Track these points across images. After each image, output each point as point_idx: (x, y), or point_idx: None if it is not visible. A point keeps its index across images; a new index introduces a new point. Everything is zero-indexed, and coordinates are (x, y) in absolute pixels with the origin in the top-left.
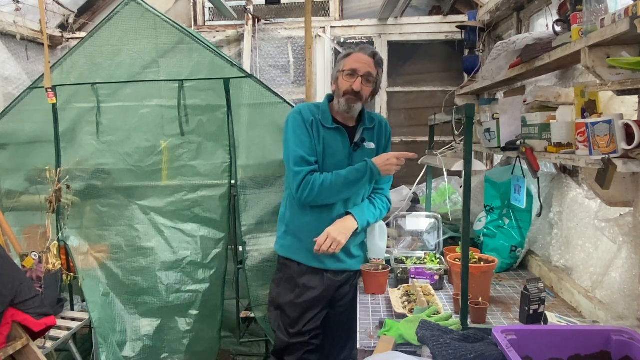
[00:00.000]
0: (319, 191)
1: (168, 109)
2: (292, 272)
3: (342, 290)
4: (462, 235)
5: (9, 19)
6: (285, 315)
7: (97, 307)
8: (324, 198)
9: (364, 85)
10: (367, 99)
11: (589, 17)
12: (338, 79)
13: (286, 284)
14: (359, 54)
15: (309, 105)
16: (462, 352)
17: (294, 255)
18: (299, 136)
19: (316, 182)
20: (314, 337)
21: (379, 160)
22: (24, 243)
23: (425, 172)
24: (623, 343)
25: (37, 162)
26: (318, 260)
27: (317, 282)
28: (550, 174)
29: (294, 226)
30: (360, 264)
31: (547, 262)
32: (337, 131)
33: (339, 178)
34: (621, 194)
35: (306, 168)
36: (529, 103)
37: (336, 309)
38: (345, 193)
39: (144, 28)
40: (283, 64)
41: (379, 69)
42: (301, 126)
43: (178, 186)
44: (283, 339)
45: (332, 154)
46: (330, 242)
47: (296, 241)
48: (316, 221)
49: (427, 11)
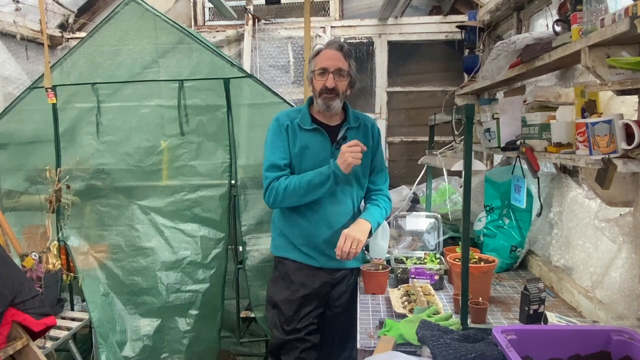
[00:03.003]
0: (283, 196)
1: (168, 109)
2: (287, 269)
3: (338, 288)
4: (462, 235)
5: (9, 19)
6: (280, 313)
7: (97, 307)
8: (290, 202)
9: (336, 80)
10: (344, 93)
11: (589, 17)
12: (312, 80)
13: (282, 281)
14: (326, 51)
15: (289, 111)
16: (462, 352)
17: (288, 254)
18: (273, 142)
19: (280, 187)
20: (310, 334)
21: (338, 159)
22: (24, 243)
23: (425, 172)
24: (623, 343)
25: (37, 162)
26: (311, 258)
27: (311, 278)
28: (550, 174)
29: (285, 229)
30: (357, 262)
31: (547, 262)
32: (316, 132)
33: (302, 182)
34: (621, 194)
35: (273, 174)
36: (529, 103)
37: (333, 309)
38: (312, 195)
39: (144, 28)
40: (283, 64)
41: (350, 60)
42: (276, 132)
43: (178, 186)
44: (279, 336)
45: (312, 155)
46: (350, 241)
47: (289, 242)
48: (307, 222)
49: (427, 11)
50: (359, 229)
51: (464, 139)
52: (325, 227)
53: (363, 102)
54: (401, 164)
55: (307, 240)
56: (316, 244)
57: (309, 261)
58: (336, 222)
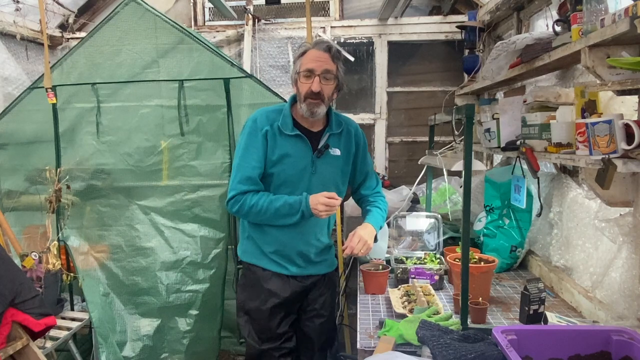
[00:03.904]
0: (247, 212)
1: (168, 109)
2: (257, 277)
3: (312, 294)
4: (462, 235)
5: (9, 19)
6: (254, 321)
7: (97, 307)
8: (252, 219)
9: (323, 84)
10: (330, 98)
11: (589, 17)
12: (297, 81)
13: (251, 289)
14: (313, 51)
15: (268, 111)
16: (462, 352)
17: (258, 261)
18: (246, 148)
19: (246, 203)
20: (286, 341)
21: (312, 200)
22: (24, 243)
23: (425, 172)
24: (623, 343)
25: (37, 162)
26: (282, 267)
27: (282, 287)
28: (550, 174)
29: (254, 234)
30: (328, 267)
31: (547, 262)
32: (297, 138)
33: (270, 208)
34: (621, 194)
35: (241, 187)
36: (529, 103)
37: (308, 313)
38: (277, 222)
39: (144, 28)
40: (283, 64)
41: (338, 63)
42: (251, 136)
43: (178, 186)
44: (254, 345)
45: (292, 163)
46: (362, 244)
47: (258, 248)
48: (278, 231)
49: (427, 11)
50: (368, 233)
51: (464, 139)
52: (299, 238)
53: (363, 102)
54: (401, 164)
55: (277, 250)
56: (288, 254)
57: (280, 269)
58: (311, 233)
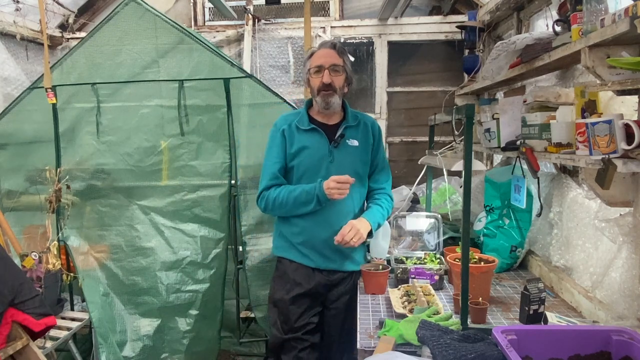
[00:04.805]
0: (272, 206)
1: (168, 109)
2: (286, 268)
3: (335, 290)
4: (462, 235)
5: (9, 19)
6: (279, 312)
7: (97, 307)
8: (280, 212)
9: (332, 76)
10: (342, 89)
11: (589, 17)
12: (309, 80)
13: (279, 279)
14: (319, 51)
15: (287, 115)
16: (462, 352)
17: (287, 254)
18: (270, 149)
19: (270, 198)
20: (308, 333)
21: (325, 184)
22: (24, 243)
23: (425, 172)
24: (623, 343)
25: (37, 162)
26: (309, 259)
27: (306, 278)
28: (550, 174)
29: (284, 229)
30: (356, 265)
31: (547, 262)
32: (313, 131)
33: (289, 197)
34: (621, 194)
35: (265, 182)
36: (529, 103)
37: (331, 310)
38: (299, 211)
39: (144, 28)
40: (283, 64)
41: (344, 57)
42: (273, 137)
43: (178, 186)
44: (277, 335)
45: (310, 154)
46: (354, 233)
47: (287, 241)
48: (306, 222)
49: (427, 11)
50: (362, 225)
51: (464, 139)
52: (324, 227)
53: (363, 102)
54: (401, 164)
55: (305, 240)
56: (314, 244)
57: (306, 261)
58: (336, 222)
